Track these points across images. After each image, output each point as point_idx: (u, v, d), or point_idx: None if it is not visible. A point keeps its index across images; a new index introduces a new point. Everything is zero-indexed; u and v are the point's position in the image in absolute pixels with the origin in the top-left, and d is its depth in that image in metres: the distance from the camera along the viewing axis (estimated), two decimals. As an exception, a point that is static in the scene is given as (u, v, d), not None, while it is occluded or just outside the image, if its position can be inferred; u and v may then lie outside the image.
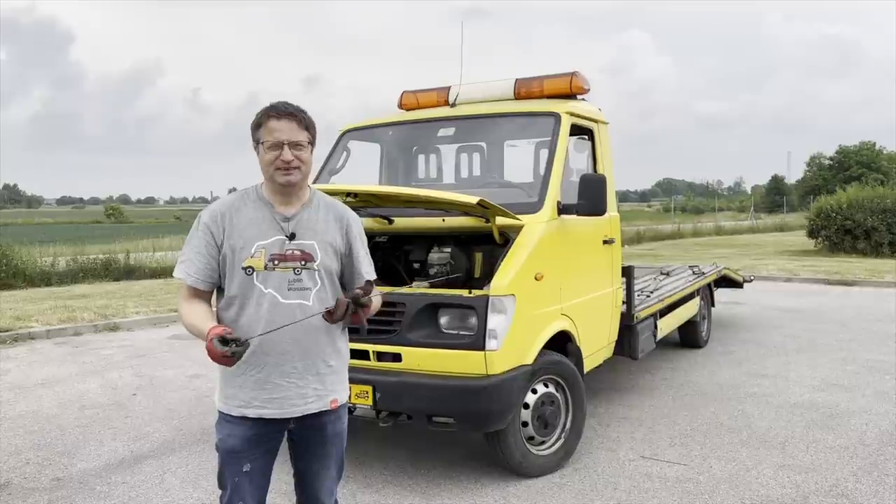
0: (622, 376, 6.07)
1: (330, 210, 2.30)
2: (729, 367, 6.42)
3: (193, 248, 2.19)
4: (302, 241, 2.19)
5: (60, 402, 5.56)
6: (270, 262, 2.14)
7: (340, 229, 2.29)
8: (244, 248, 2.15)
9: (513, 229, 3.79)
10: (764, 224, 36.59)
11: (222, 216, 2.18)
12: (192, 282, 2.17)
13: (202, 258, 2.17)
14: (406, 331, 3.60)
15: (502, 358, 3.47)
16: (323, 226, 2.25)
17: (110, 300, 10.59)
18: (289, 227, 2.19)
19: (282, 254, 2.16)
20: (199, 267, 2.17)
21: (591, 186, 3.86)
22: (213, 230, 2.17)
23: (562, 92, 4.69)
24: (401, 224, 4.17)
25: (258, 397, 2.16)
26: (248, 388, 2.16)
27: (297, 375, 2.17)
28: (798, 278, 13.42)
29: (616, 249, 4.78)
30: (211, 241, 2.17)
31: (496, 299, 3.47)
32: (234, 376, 2.17)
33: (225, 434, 2.21)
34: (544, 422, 3.86)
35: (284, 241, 2.17)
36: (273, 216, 2.19)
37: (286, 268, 2.16)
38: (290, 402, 2.17)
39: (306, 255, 2.18)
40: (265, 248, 2.15)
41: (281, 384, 2.16)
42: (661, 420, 4.89)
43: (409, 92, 5.37)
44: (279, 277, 2.15)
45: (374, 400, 3.57)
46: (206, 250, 2.17)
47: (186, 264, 2.19)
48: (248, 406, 2.17)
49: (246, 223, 2.17)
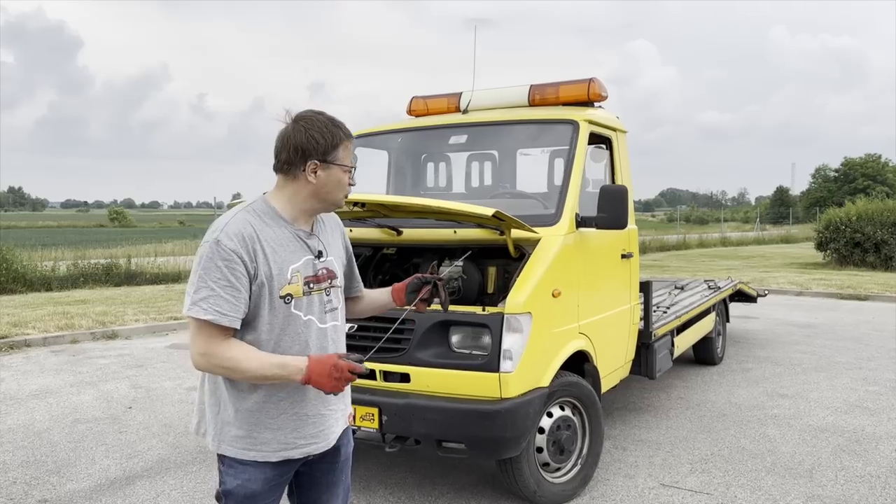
0: (636, 395, 5.84)
1: (328, 220, 2.12)
2: (746, 387, 6.19)
3: (219, 280, 1.79)
4: (327, 257, 2.01)
5: (53, 415, 5.35)
6: (306, 287, 1.93)
7: (342, 238, 2.16)
8: (280, 274, 1.87)
9: (529, 242, 3.58)
10: (770, 235, 36.34)
11: (251, 239, 1.84)
12: (228, 322, 1.79)
13: (234, 292, 1.80)
14: (415, 349, 3.39)
15: (517, 380, 3.26)
16: (331, 238, 2.08)
17: (109, 306, 10.40)
18: (314, 245, 1.98)
19: (315, 275, 1.96)
20: (233, 304, 1.80)
21: (611, 198, 3.66)
22: (243, 257, 1.82)
23: (578, 99, 4.49)
24: (410, 235, 3.96)
25: (304, 434, 1.94)
26: (290, 427, 1.92)
27: (337, 400, 2.00)
28: (809, 292, 13.18)
29: (634, 264, 4.57)
30: (242, 269, 1.82)
31: (512, 317, 3.26)
32: (268, 418, 1.91)
33: (243, 480, 1.92)
34: (560, 447, 3.63)
35: (313, 260, 1.96)
36: (296, 234, 1.95)
37: (320, 290, 1.97)
38: (332, 430, 2.01)
39: (331, 273, 2.01)
40: (299, 272, 1.91)
41: (325, 414, 1.97)
42: (680, 443, 4.66)
43: (418, 98, 5.19)
44: (316, 302, 1.96)
45: (380, 423, 3.36)
46: (239, 282, 1.81)
47: (214, 301, 1.78)
48: (293, 447, 1.93)
49: (273, 245, 1.88)
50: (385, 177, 5.15)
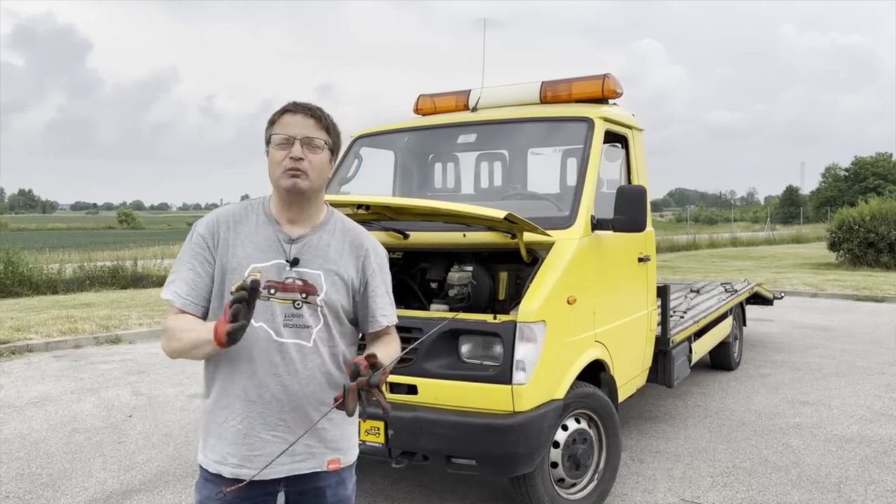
0: (651, 402, 5.65)
1: (347, 236, 1.90)
2: (765, 393, 5.98)
3: (185, 263, 1.82)
4: (305, 268, 1.81)
5: (51, 424, 5.20)
6: (265, 291, 1.76)
7: (356, 260, 1.88)
8: (236, 270, 1.78)
9: (542, 246, 3.40)
10: (780, 235, 35.95)
11: (218, 226, 1.83)
12: (182, 304, 1.78)
13: (194, 276, 1.80)
14: (422, 359, 3.21)
15: (531, 392, 3.08)
16: (335, 254, 1.85)
17: (114, 310, 10.28)
18: (291, 251, 1.81)
19: (280, 282, 1.78)
20: (192, 287, 1.79)
21: (629, 199, 3.47)
22: (208, 242, 1.82)
23: (592, 96, 4.31)
24: (417, 239, 3.78)
25: (236, 453, 1.78)
26: (228, 440, 1.79)
27: (285, 428, 1.78)
28: (824, 294, 12.94)
29: (651, 268, 4.38)
30: (207, 255, 1.81)
31: (525, 326, 3.08)
32: (217, 422, 1.80)
33: (203, 496, 1.82)
34: (576, 462, 3.45)
35: (285, 266, 1.80)
36: (276, 235, 1.82)
37: (284, 299, 1.78)
38: (271, 459, 1.76)
39: (308, 286, 1.80)
40: (261, 273, 1.76)
41: (265, 438, 1.77)
42: (700, 455, 4.46)
43: (425, 96, 5.02)
44: (274, 310, 1.77)
45: (385, 437, 3.18)
46: (201, 267, 1.81)
47: (177, 284, 1.81)
48: (223, 462, 1.79)
49: (244, 240, 1.81)
50: (391, 178, 4.98)
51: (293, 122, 1.78)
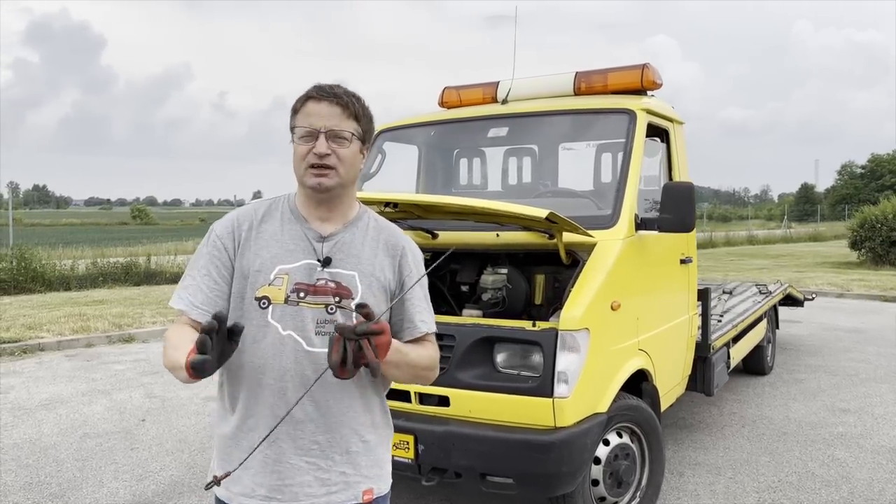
0: (685, 410, 5.39)
1: (381, 234, 1.70)
2: (803, 400, 5.71)
3: (200, 268, 1.63)
4: (339, 269, 1.61)
5: (62, 428, 5.03)
6: (294, 294, 1.57)
7: (392, 260, 1.68)
8: (260, 272, 1.59)
9: (583, 247, 3.16)
10: (797, 234, 35.44)
11: (239, 226, 1.65)
12: (197, 314, 1.59)
13: (210, 283, 1.61)
14: (455, 369, 2.99)
15: (574, 406, 2.85)
16: (369, 253, 1.66)
17: (127, 307, 10.14)
18: (323, 250, 1.61)
19: (311, 284, 1.58)
20: (208, 294, 1.61)
21: (677, 197, 3.23)
22: (226, 244, 1.63)
23: (630, 87, 4.06)
24: (446, 239, 3.55)
25: (265, 483, 1.57)
26: (254, 468, 1.58)
27: (319, 453, 1.58)
28: (850, 294, 12.62)
29: (693, 270, 4.13)
30: (224, 259, 1.63)
31: (567, 334, 2.84)
32: (241, 448, 1.58)
33: None
34: (618, 479, 3.21)
35: (316, 266, 1.60)
36: (304, 233, 1.62)
37: (315, 303, 1.58)
38: (306, 491, 1.58)
39: (343, 288, 1.59)
40: (288, 275, 1.58)
41: (297, 465, 1.57)
42: (742, 467, 4.22)
43: (450, 88, 4.78)
44: (304, 315, 1.57)
45: (415, 452, 2.96)
46: (217, 273, 1.62)
47: (191, 290, 1.62)
48: (251, 495, 1.58)
49: (267, 239, 1.62)
50: (414, 174, 4.75)
51: (317, 112, 1.58)
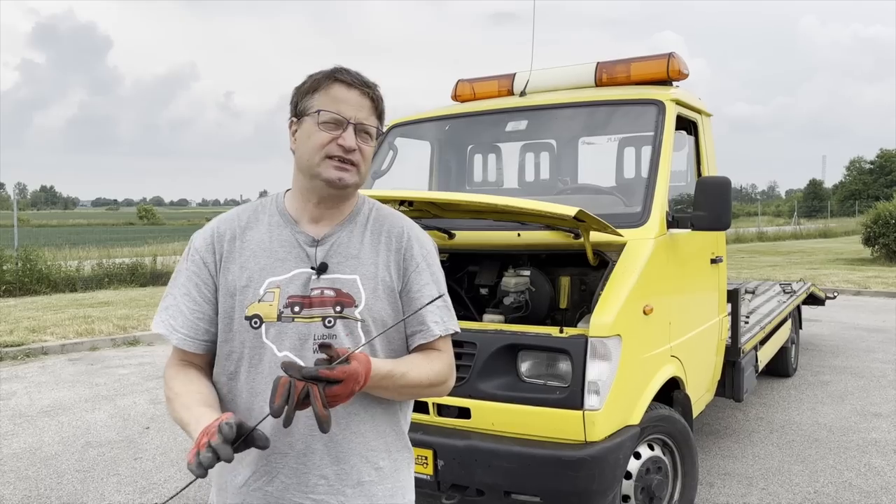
0: (709, 415, 5.18)
1: (383, 224, 1.48)
2: (831, 404, 5.49)
3: (180, 287, 1.44)
4: (338, 274, 1.40)
5: (63, 437, 4.85)
6: (287, 309, 1.37)
7: (396, 253, 1.45)
8: (248, 288, 1.38)
9: (611, 247, 2.96)
10: (807, 230, 35.07)
11: (220, 238, 1.44)
12: (178, 340, 1.42)
13: (191, 304, 1.42)
14: (476, 379, 2.79)
15: (605, 419, 2.64)
16: (370, 251, 1.44)
17: (132, 309, 9.98)
18: (317, 255, 1.40)
19: (305, 296, 1.37)
20: (188, 317, 1.42)
21: (712, 193, 3.02)
22: (206, 259, 1.44)
23: (655, 77, 3.84)
24: (464, 239, 3.35)
25: None
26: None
27: (327, 488, 1.38)
28: (868, 291, 12.37)
29: (723, 270, 3.92)
30: (205, 276, 1.43)
31: (598, 341, 2.64)
32: (236, 485, 1.41)
33: None
34: (650, 495, 3.00)
35: (310, 275, 1.39)
36: (295, 238, 1.41)
37: (312, 318, 1.37)
38: None
39: (344, 296, 1.38)
40: (280, 288, 1.37)
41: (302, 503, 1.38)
42: (774, 477, 4.00)
43: (464, 81, 4.58)
44: (300, 333, 1.36)
45: (435, 468, 2.77)
46: (198, 291, 1.43)
47: (171, 311, 1.43)
48: None
49: (254, 249, 1.42)
50: (427, 171, 4.56)
51: (346, 99, 1.38)
